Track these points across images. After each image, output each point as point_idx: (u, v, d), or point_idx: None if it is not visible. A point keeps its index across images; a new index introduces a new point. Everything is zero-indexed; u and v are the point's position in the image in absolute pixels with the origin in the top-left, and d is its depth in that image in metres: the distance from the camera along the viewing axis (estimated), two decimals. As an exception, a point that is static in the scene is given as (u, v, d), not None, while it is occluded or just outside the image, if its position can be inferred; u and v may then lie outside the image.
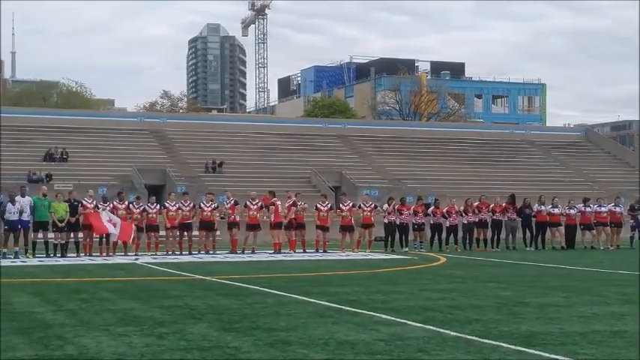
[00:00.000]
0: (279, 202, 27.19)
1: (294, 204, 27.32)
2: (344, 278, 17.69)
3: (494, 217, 30.30)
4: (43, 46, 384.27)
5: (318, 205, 27.99)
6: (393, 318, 10.82)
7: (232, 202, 27.51)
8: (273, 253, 26.51)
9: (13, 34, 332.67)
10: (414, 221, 29.48)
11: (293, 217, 27.20)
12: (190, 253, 26.08)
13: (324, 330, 9.76)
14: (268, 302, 12.64)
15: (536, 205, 31.11)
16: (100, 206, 25.51)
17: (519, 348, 8.63)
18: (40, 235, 25.05)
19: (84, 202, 25.46)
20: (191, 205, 26.91)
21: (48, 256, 24.52)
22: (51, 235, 25.16)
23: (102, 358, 7.95)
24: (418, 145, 61.16)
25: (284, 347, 8.61)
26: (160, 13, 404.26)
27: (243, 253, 26.57)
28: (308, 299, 13.06)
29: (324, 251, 27.16)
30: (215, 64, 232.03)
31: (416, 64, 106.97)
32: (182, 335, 9.32)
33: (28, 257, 24.05)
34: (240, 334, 9.41)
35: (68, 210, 24.95)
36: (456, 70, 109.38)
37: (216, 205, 27.41)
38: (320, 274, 18.93)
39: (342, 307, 12.04)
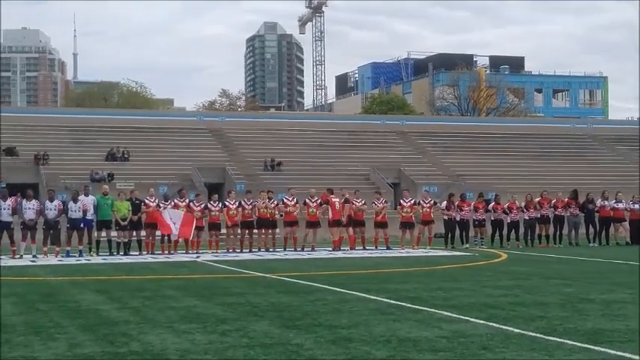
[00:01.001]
0: (336, 200, 27.18)
1: (347, 201, 27.30)
2: (404, 275, 17.60)
3: (557, 213, 29.91)
4: (104, 48, 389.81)
5: (375, 203, 28.00)
6: (454, 315, 10.73)
7: (294, 200, 27.59)
8: (333, 250, 26.50)
9: (74, 35, 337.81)
10: (475, 217, 29.25)
11: (347, 214, 27.13)
12: (251, 251, 26.23)
13: (386, 327, 9.72)
14: (329, 299, 12.63)
15: (599, 200, 30.64)
16: (161, 205, 25.78)
17: (585, 345, 8.49)
18: (104, 233, 25.42)
19: (146, 201, 25.77)
20: (253, 203, 27.03)
21: (111, 254, 24.85)
22: (114, 233, 25.50)
23: (166, 355, 8.01)
24: (477, 140, 60.65)
25: (346, 344, 8.60)
26: (218, 13, 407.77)
27: (302, 250, 26.63)
28: (369, 296, 13.03)
29: (387, 248, 27.09)
30: (273, 63, 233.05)
31: (474, 59, 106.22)
32: (244, 332, 9.36)
33: (92, 255, 24.41)
34: (302, 332, 9.41)
35: (130, 209, 25.27)
36: (516, 64, 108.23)
37: (275, 202, 27.52)
38: (380, 271, 18.87)
39: (403, 304, 11.98)
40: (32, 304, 12.11)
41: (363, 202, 28.06)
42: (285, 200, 27.45)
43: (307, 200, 27.40)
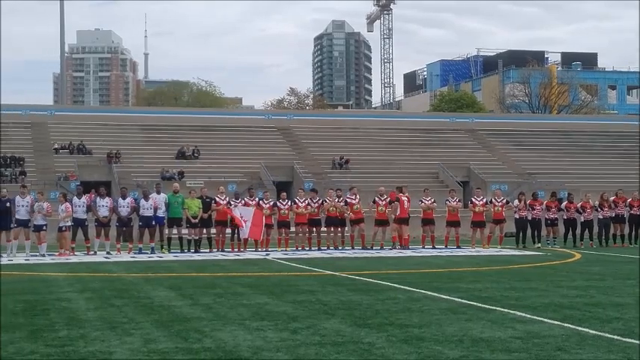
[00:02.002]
0: (405, 198, 27.04)
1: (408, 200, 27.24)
2: (475, 274, 17.41)
3: (632, 212, 29.30)
4: (174, 47, 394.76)
5: (449, 201, 27.78)
6: (528, 315, 10.58)
7: (357, 198, 27.53)
8: (402, 248, 26.38)
9: (145, 36, 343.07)
10: (547, 217, 28.80)
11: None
12: (319, 249, 26.26)
13: (458, 327, 9.64)
14: (400, 298, 12.57)
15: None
16: (232, 202, 25.96)
17: (664, 347, 8.29)
18: (175, 231, 25.70)
19: (216, 199, 25.98)
20: (320, 201, 27.07)
21: (182, 251, 25.12)
22: (185, 231, 25.77)
23: (239, 352, 8.06)
24: (549, 138, 59.76)
25: (418, 343, 8.54)
26: (286, 12, 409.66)
27: (371, 248, 26.56)
28: (440, 295, 12.93)
29: (458, 247, 26.87)
30: (340, 61, 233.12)
31: (545, 56, 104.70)
32: (315, 330, 9.36)
33: (163, 252, 24.70)
34: (374, 330, 9.38)
35: (201, 206, 25.50)
36: (588, 60, 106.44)
37: (345, 200, 27.48)
38: (450, 270, 18.72)
39: (475, 303, 11.86)
40: (107, 300, 12.30)
41: (432, 200, 27.87)
42: (347, 200, 27.32)
43: (376, 198, 27.31)
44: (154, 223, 25.01)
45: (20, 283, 15.65)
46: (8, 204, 23.78)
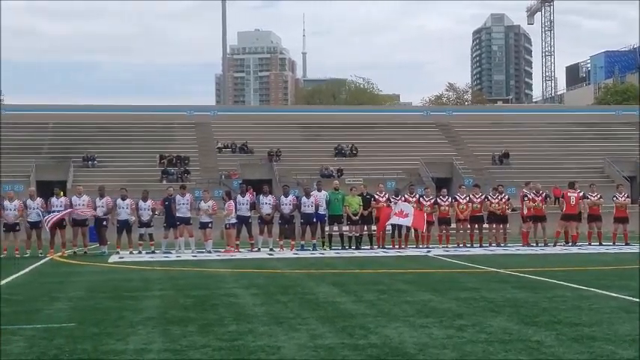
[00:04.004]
0: (573, 194, 26.27)
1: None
2: (647, 272, 16.69)
3: None
4: (331, 46, 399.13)
5: (617, 197, 26.85)
6: None
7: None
8: (567, 245, 25.68)
9: (303, 35, 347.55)
10: None
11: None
12: (481, 246, 25.91)
13: (631, 326, 9.26)
14: (567, 296, 12.22)
15: None
16: (392, 199, 25.99)
17: None
18: (335, 228, 25.94)
19: (376, 196, 26.05)
20: (482, 197, 26.72)
21: (343, 248, 25.33)
22: (345, 228, 25.97)
23: (405, 349, 8.02)
24: None
25: (589, 343, 8.26)
26: (443, 7, 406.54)
27: (536, 245, 25.99)
28: (609, 293, 12.48)
29: (626, 243, 25.93)
30: (500, 55, 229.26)
31: None
32: (481, 328, 9.22)
33: (324, 249, 24.98)
34: (542, 329, 9.15)
35: (361, 203, 25.63)
36: None
37: (506, 197, 27.06)
38: (618, 267, 18.03)
39: (649, 302, 11.37)
40: (272, 296, 12.52)
41: (598, 196, 26.97)
42: (489, 197, 26.83)
43: (533, 194, 26.69)
44: (315, 220, 25.34)
45: (189, 278, 16.19)
46: (172, 202, 24.73)
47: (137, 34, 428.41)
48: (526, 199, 26.52)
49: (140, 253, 24.38)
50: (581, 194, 26.48)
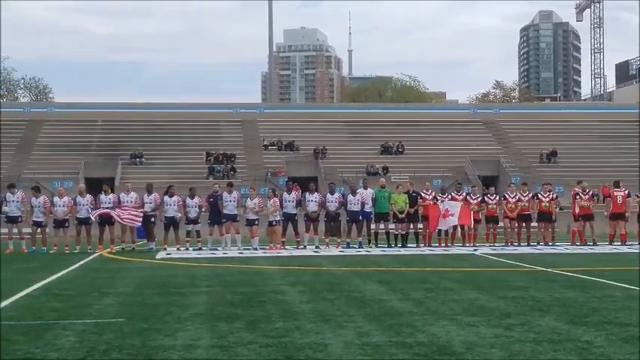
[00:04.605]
0: (619, 193, 25.93)
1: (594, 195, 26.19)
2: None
3: None
4: (377, 44, 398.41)
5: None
6: None
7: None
8: (620, 244, 25.37)
9: (349, 33, 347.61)
10: None
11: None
12: (529, 245, 25.68)
13: (683, 327, 9.12)
14: (617, 296, 12.05)
15: None
16: (438, 197, 25.87)
17: None
18: (382, 225, 25.88)
19: (422, 194, 25.95)
20: (530, 195, 26.50)
21: (389, 246, 25.26)
22: (392, 225, 25.90)
23: (452, 347, 7.98)
24: None
25: (640, 344, 8.15)
26: (490, 5, 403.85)
27: (585, 244, 25.71)
28: (660, 294, 12.29)
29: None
30: (548, 52, 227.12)
31: None
32: (530, 327, 9.13)
33: (371, 247, 24.95)
34: (591, 328, 9.04)
35: (408, 201, 25.54)
36: None
37: (555, 195, 26.81)
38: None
39: (701, 303, 11.17)
40: (319, 293, 12.53)
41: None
42: (539, 195, 26.59)
43: (581, 193, 26.42)
44: (361, 218, 25.31)
45: (236, 275, 16.26)
46: (219, 199, 24.85)
47: (184, 32, 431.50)
48: (578, 197, 26.24)
49: (187, 249, 24.58)
50: (626, 193, 26.17)
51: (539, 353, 7.72)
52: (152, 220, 25.14)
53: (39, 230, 24.79)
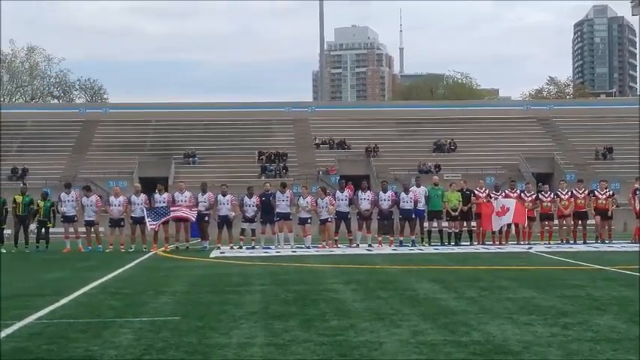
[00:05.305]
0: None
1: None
2: None
3: None
4: (429, 41, 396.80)
5: None
6: None
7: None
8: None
9: (400, 30, 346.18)
10: None
11: None
12: (585, 242, 25.35)
13: None
14: (676, 295, 11.84)
15: None
16: (492, 195, 25.67)
17: None
18: (435, 223, 25.76)
19: (476, 192, 25.77)
20: (586, 192, 26.17)
21: (442, 244, 25.14)
22: (445, 223, 25.77)
23: (508, 346, 7.90)
24: None
25: (702, 344, 7.99)
26: (545, 0, 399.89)
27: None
28: None
29: None
30: (602, 47, 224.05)
31: None
32: (587, 326, 9.01)
33: (424, 245, 24.85)
34: (651, 328, 8.89)
35: (461, 199, 25.39)
36: None
37: (612, 192, 26.44)
38: None
39: None
40: (372, 292, 12.50)
41: None
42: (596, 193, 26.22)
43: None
44: (413, 216, 25.21)
45: (289, 273, 16.30)
46: (272, 198, 24.93)
47: (237, 32, 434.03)
48: (638, 193, 25.83)
49: (240, 248, 24.71)
50: None
51: (598, 352, 7.61)
52: (206, 219, 25.33)
53: (92, 229, 25.17)
